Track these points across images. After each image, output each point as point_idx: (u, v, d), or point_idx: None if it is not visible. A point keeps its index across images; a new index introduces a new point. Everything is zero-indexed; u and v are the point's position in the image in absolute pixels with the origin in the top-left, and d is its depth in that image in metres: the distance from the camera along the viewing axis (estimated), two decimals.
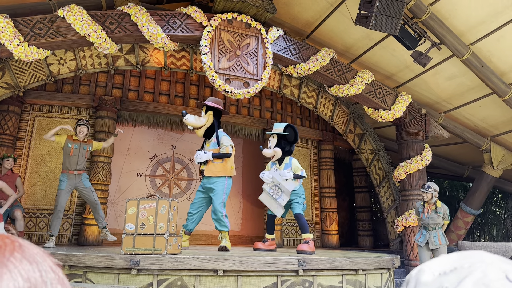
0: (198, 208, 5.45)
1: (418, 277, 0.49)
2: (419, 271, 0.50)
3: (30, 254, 0.45)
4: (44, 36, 5.40)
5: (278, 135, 5.68)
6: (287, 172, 5.43)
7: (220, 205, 5.30)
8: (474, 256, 0.48)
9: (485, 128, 8.72)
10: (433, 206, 5.78)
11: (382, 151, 9.02)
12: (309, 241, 5.40)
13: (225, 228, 5.34)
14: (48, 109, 7.01)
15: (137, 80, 7.57)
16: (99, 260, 3.96)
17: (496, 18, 6.16)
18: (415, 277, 0.50)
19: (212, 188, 5.31)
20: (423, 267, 0.50)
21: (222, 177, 5.35)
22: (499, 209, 12.34)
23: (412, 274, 0.52)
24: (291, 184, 5.47)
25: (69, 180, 5.60)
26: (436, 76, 7.71)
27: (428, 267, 0.50)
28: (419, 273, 0.50)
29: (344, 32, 7.40)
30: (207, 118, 5.46)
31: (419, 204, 5.91)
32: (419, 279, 0.49)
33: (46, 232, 6.54)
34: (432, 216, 5.73)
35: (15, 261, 0.42)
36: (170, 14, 6.09)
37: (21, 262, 0.43)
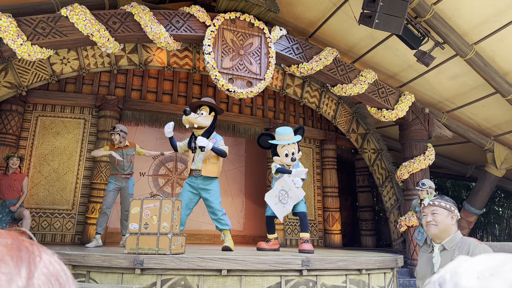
0: (187, 210, 5.28)
1: (457, 281, 0.47)
2: (455, 275, 0.49)
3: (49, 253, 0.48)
4: (47, 36, 5.40)
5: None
6: (299, 180, 5.32)
7: (219, 204, 5.31)
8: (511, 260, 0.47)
9: (488, 127, 8.70)
10: None
11: (385, 150, 9.00)
12: (308, 240, 5.47)
13: (227, 227, 5.34)
14: (51, 108, 7.01)
15: (140, 80, 7.57)
16: (102, 259, 3.96)
17: (499, 17, 6.14)
18: (451, 281, 0.48)
19: (208, 189, 5.27)
20: (457, 270, 0.49)
21: (216, 178, 5.37)
22: (502, 209, 12.31)
23: (445, 277, 0.50)
24: (301, 192, 5.38)
25: (116, 182, 5.90)
26: (439, 75, 7.69)
27: (463, 270, 0.48)
28: (456, 276, 0.48)
29: (347, 31, 7.39)
30: (211, 119, 5.43)
31: (415, 202, 5.86)
32: (458, 283, 0.47)
33: (49, 231, 6.55)
34: None
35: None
36: (173, 14, 6.08)
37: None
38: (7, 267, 0.41)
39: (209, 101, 5.48)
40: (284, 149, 5.46)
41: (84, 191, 6.83)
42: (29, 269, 0.42)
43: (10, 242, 0.44)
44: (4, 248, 0.42)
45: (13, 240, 0.44)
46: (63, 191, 6.76)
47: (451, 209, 2.37)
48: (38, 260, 0.44)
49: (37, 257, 0.44)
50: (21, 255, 0.43)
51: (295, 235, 8.58)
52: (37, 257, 0.44)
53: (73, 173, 6.86)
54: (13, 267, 0.41)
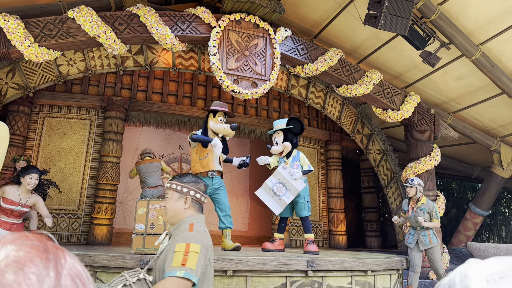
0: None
1: (466, 284, 0.48)
2: (465, 278, 0.49)
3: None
4: (54, 37, 5.44)
5: (283, 130, 5.78)
6: (297, 171, 5.42)
7: (228, 200, 5.41)
8: None
9: (495, 128, 8.66)
10: (419, 202, 5.57)
11: (390, 151, 8.98)
12: (313, 241, 5.53)
13: (232, 225, 5.41)
14: (57, 109, 7.06)
15: (146, 81, 7.60)
16: (109, 260, 3.98)
17: (506, 17, 6.11)
18: (461, 284, 0.49)
19: (222, 187, 5.38)
20: (467, 273, 0.49)
21: None
22: (509, 210, 12.24)
23: (455, 280, 0.50)
24: (300, 184, 5.45)
25: (146, 193, 6.64)
26: (445, 76, 7.66)
27: (473, 273, 0.49)
28: (466, 279, 0.49)
29: (352, 32, 7.38)
30: None
31: (405, 202, 5.69)
32: (468, 285, 0.48)
33: (55, 231, 6.59)
34: (417, 214, 5.48)
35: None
36: (179, 15, 6.11)
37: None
38: (37, 268, 0.42)
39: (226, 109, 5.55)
40: (274, 137, 5.94)
41: (90, 191, 6.87)
42: (57, 270, 0.44)
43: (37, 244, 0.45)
44: (33, 250, 0.44)
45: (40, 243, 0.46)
46: (69, 192, 6.80)
47: (182, 190, 2.05)
48: (63, 261, 0.46)
49: (62, 259, 0.46)
50: (49, 257, 0.45)
51: (300, 236, 8.58)
52: (62, 259, 0.46)
53: (79, 174, 6.90)
54: (43, 268, 0.43)
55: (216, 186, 5.31)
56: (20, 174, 4.63)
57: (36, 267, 0.42)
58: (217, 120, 5.37)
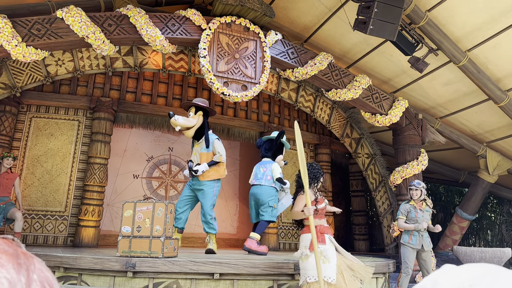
0: (184, 206, 5.44)
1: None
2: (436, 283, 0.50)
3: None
4: (43, 37, 5.39)
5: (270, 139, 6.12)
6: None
7: (210, 207, 5.33)
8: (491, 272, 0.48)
9: (481, 134, 8.77)
10: (423, 204, 5.62)
11: (379, 155, 9.04)
12: (257, 241, 5.58)
13: (213, 231, 5.37)
14: (45, 109, 6.99)
15: (135, 82, 7.56)
16: (94, 262, 3.95)
17: (492, 25, 6.21)
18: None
19: (202, 189, 5.32)
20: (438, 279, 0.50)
21: (212, 180, 5.37)
22: (494, 215, 12.39)
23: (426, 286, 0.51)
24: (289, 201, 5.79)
25: None
26: (433, 81, 7.75)
27: (444, 280, 0.49)
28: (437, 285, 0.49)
29: (341, 37, 7.43)
30: (197, 119, 5.42)
31: (408, 205, 5.60)
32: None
33: (41, 233, 6.52)
34: (425, 215, 5.52)
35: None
36: (169, 17, 6.10)
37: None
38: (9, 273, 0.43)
39: (196, 102, 5.51)
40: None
41: (77, 193, 6.81)
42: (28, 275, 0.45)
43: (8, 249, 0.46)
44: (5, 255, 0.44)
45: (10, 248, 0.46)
46: (56, 193, 6.74)
47: None
48: (33, 267, 0.47)
49: (31, 265, 0.47)
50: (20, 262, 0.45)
51: (289, 239, 8.59)
52: (32, 264, 0.47)
53: (66, 175, 6.84)
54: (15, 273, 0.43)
55: (195, 187, 5.36)
56: None
57: (8, 272, 0.43)
58: None
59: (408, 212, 5.58)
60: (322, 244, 3.87)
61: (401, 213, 5.65)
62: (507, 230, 11.18)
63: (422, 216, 5.53)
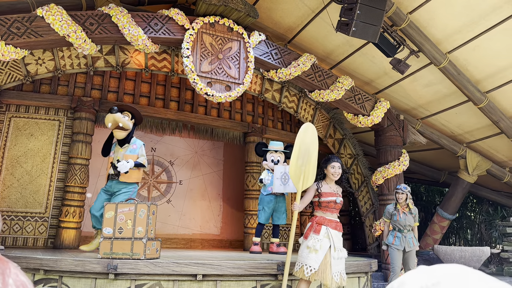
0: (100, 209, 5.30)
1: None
2: (402, 284, 0.51)
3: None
4: (22, 36, 5.29)
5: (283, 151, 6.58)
6: None
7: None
8: (454, 271, 0.50)
9: (461, 134, 8.93)
10: (407, 207, 5.83)
11: (361, 156, 9.13)
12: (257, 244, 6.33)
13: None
14: (25, 109, 6.86)
15: (117, 82, 7.48)
16: (75, 264, 3.90)
17: (472, 28, 6.33)
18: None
19: (120, 191, 5.30)
20: (404, 279, 0.51)
21: (132, 184, 5.38)
22: (474, 214, 12.62)
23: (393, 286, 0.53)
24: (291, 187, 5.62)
25: None
26: (414, 83, 7.86)
27: (409, 280, 0.51)
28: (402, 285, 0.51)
29: (325, 38, 7.48)
30: (132, 124, 5.52)
31: (391, 207, 5.94)
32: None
33: (21, 235, 6.40)
34: (408, 217, 5.78)
35: None
36: (152, 16, 6.05)
37: None
38: None
39: (132, 107, 5.64)
40: (271, 155, 6.50)
41: (58, 194, 6.70)
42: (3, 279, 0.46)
43: None
44: None
45: None
46: (36, 194, 6.62)
47: None
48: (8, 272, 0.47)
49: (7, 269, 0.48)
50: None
51: None
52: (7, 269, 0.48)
53: (47, 176, 6.72)
54: None
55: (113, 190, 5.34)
56: None
57: None
58: None
59: (392, 215, 5.80)
60: (315, 234, 4.00)
61: (386, 216, 5.98)
62: (486, 229, 11.41)
63: (404, 219, 5.72)
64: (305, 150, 4.26)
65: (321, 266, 3.87)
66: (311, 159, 4.25)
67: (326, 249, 3.93)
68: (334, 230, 4.06)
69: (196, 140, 9.05)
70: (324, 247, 3.94)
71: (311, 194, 4.24)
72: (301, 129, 4.40)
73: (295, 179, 4.21)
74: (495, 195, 10.99)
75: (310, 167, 4.22)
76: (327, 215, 4.14)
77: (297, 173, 4.19)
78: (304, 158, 4.22)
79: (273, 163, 6.36)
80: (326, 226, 4.05)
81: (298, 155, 4.23)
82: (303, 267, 3.91)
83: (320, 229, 4.02)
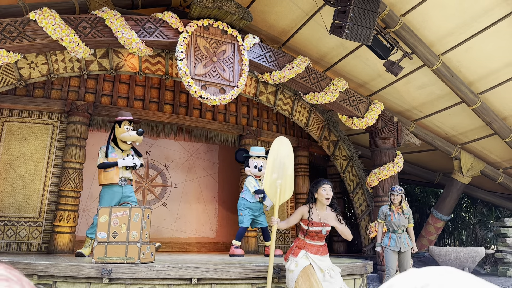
0: None
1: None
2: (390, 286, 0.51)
3: None
4: (15, 40, 5.27)
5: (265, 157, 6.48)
6: None
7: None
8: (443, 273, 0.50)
9: (455, 136, 8.98)
10: (400, 208, 5.86)
11: (356, 157, 9.15)
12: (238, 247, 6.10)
13: (93, 236, 5.41)
14: (18, 113, 6.82)
15: (111, 85, 7.45)
16: (69, 269, 3.87)
17: (464, 30, 6.37)
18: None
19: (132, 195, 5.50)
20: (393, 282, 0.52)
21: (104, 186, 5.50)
22: (468, 215, 12.68)
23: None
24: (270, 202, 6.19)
25: None
26: (408, 85, 7.90)
27: (399, 282, 0.51)
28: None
29: (319, 40, 7.51)
30: None
31: (386, 208, 5.95)
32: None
33: (14, 240, 6.35)
34: (401, 218, 5.80)
35: None
36: (145, 19, 6.04)
37: None
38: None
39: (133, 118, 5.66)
40: (254, 161, 6.37)
41: (52, 198, 6.66)
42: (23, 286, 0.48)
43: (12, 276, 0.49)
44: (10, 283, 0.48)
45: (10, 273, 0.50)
46: (29, 199, 6.58)
47: None
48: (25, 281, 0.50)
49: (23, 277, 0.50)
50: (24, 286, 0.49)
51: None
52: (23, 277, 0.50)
53: (41, 180, 6.68)
54: None
55: (127, 195, 5.40)
56: None
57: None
58: (123, 129, 5.44)
59: (386, 216, 5.81)
60: (293, 256, 4.03)
61: (380, 217, 5.97)
62: (480, 230, 11.46)
63: (398, 220, 5.75)
64: (279, 163, 4.22)
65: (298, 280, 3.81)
66: (287, 172, 4.21)
67: (302, 266, 3.89)
68: (314, 255, 4.01)
69: (191, 143, 9.03)
70: (300, 264, 3.91)
71: (298, 217, 4.18)
72: (274, 143, 4.37)
73: (270, 193, 4.17)
74: (489, 196, 11.05)
75: (287, 180, 4.18)
76: (308, 240, 4.11)
77: (273, 187, 4.15)
78: (280, 171, 4.18)
79: (257, 169, 6.33)
80: (306, 250, 4.02)
81: (273, 169, 4.20)
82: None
83: (298, 252, 4.00)
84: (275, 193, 4.12)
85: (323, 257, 4.08)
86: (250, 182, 6.29)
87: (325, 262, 4.03)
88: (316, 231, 4.08)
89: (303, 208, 4.19)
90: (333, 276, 3.95)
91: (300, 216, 4.18)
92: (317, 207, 4.19)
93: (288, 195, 4.17)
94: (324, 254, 4.12)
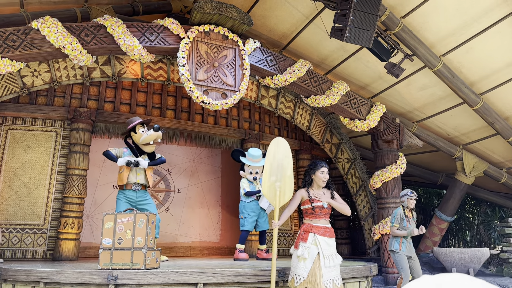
0: None
1: None
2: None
3: None
4: (18, 48, 5.31)
5: None
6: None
7: None
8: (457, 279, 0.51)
9: (457, 136, 8.97)
10: (410, 213, 5.79)
11: (358, 160, 9.16)
12: (242, 251, 6.22)
13: None
14: (21, 121, 6.86)
15: (113, 92, 7.49)
16: (75, 276, 3.89)
17: (465, 30, 6.39)
18: None
19: (146, 200, 5.53)
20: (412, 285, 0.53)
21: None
22: (472, 215, 12.64)
23: None
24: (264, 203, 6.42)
25: None
26: (409, 86, 7.91)
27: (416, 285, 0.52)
28: None
29: (319, 43, 7.53)
30: None
31: (401, 211, 5.69)
32: None
33: (20, 247, 6.37)
34: (412, 223, 5.69)
35: None
36: (147, 26, 6.08)
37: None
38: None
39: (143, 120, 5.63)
40: (250, 168, 6.44)
41: (56, 205, 6.68)
42: None
43: None
44: None
45: None
46: (34, 206, 6.60)
47: None
48: None
49: None
50: None
51: (270, 246, 8.59)
52: None
53: (45, 187, 6.71)
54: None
55: (139, 199, 5.37)
56: None
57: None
58: (140, 134, 5.38)
59: (402, 220, 5.66)
60: (303, 242, 3.99)
61: (396, 220, 5.68)
62: (485, 231, 11.43)
63: (411, 225, 5.66)
64: (277, 166, 4.20)
65: (310, 274, 3.83)
66: (286, 173, 4.20)
67: (314, 256, 3.90)
68: (322, 236, 4.00)
69: (194, 148, 9.05)
70: (312, 254, 3.91)
71: (298, 201, 4.21)
72: (271, 145, 4.35)
73: (269, 196, 4.15)
74: (493, 196, 11.02)
75: (286, 182, 4.17)
76: (314, 222, 4.10)
77: (272, 190, 4.14)
78: (278, 174, 4.17)
79: (253, 179, 6.44)
80: (314, 233, 4.01)
81: (270, 172, 4.18)
82: (294, 277, 3.92)
83: (307, 237, 3.99)
84: (274, 196, 4.12)
85: (330, 240, 4.08)
86: (243, 183, 6.45)
87: (330, 248, 4.03)
88: (319, 207, 4.11)
89: (301, 191, 4.23)
90: (334, 265, 3.97)
91: (300, 199, 4.21)
92: (313, 188, 4.27)
93: (288, 196, 4.17)
94: (332, 236, 4.12)
